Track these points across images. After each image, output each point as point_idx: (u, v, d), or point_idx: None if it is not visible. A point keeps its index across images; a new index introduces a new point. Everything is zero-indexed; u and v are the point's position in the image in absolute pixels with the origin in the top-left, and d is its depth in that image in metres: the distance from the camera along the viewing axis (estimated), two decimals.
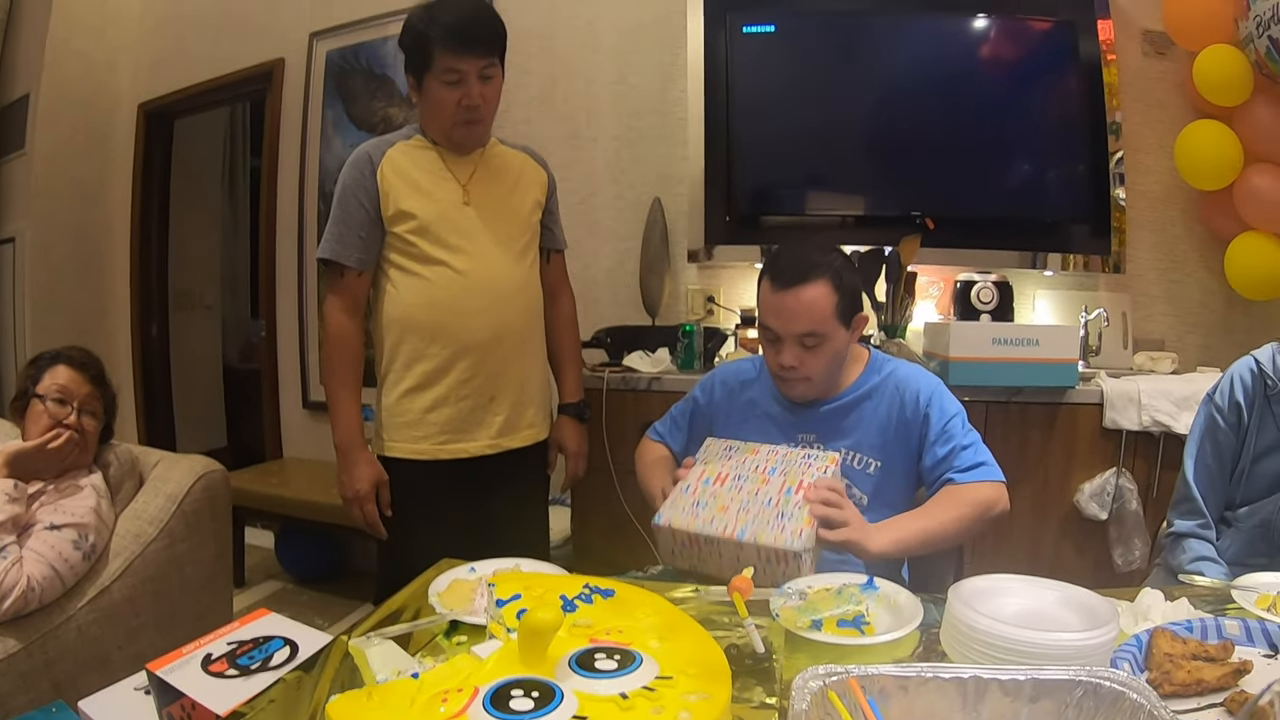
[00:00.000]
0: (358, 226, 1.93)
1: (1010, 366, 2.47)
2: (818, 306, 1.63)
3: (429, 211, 1.94)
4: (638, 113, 3.39)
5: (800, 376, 1.69)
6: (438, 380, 1.97)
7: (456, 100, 1.90)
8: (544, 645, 0.88)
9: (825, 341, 1.66)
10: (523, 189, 2.10)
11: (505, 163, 2.10)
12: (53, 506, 1.89)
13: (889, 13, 3.10)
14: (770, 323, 1.68)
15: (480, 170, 2.03)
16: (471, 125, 1.96)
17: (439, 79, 1.88)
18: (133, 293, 4.66)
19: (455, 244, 1.96)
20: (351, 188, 1.93)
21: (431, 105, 1.94)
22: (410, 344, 1.97)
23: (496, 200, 2.03)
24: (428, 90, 1.92)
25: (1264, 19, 2.52)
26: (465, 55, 1.86)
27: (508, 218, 2.05)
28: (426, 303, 1.95)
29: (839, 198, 3.11)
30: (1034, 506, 2.57)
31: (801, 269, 1.63)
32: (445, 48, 1.85)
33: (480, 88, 1.91)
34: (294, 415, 4.20)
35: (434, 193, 1.96)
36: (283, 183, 4.10)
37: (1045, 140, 3.00)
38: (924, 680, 0.86)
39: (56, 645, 1.83)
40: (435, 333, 1.95)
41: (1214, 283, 3.02)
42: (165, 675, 0.98)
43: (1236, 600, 1.25)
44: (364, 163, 1.94)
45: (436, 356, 1.96)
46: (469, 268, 1.96)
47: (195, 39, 4.35)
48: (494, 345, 1.99)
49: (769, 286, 1.67)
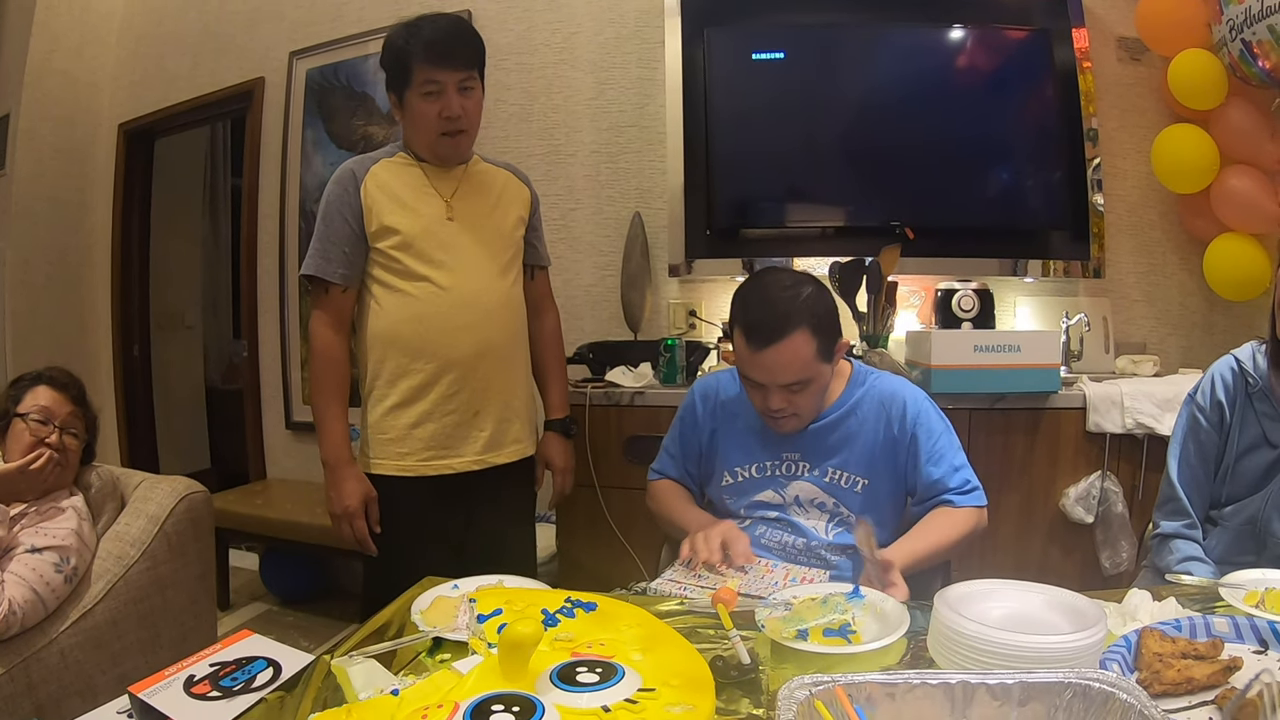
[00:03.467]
0: (342, 242, 1.93)
1: (992, 373, 2.47)
2: (799, 357, 1.57)
3: (413, 227, 1.94)
4: (616, 127, 3.40)
5: (790, 414, 1.65)
6: (422, 396, 1.96)
7: (437, 112, 1.91)
8: (525, 659, 0.87)
9: (810, 384, 1.62)
10: (505, 205, 2.10)
11: (488, 179, 2.10)
12: (34, 529, 1.87)
13: (865, 24, 3.11)
14: (751, 375, 1.63)
15: (463, 186, 2.03)
16: (454, 137, 1.96)
17: (418, 92, 1.90)
18: (114, 313, 4.62)
19: (439, 260, 1.95)
20: (335, 204, 1.93)
21: (413, 119, 1.95)
22: (394, 360, 1.96)
23: (480, 216, 2.03)
24: (409, 105, 1.94)
25: (1237, 23, 2.54)
26: (443, 68, 1.88)
27: (491, 234, 2.05)
28: (410, 318, 1.94)
29: (819, 209, 3.13)
30: (1020, 512, 2.57)
31: (775, 324, 1.56)
32: (424, 61, 1.87)
33: (460, 100, 1.92)
34: (277, 436, 4.16)
35: (418, 208, 1.96)
36: (264, 201, 4.08)
37: (1023, 148, 3.02)
38: (911, 687, 0.85)
39: (39, 668, 1.81)
40: (419, 349, 1.94)
41: (1194, 284, 3.04)
42: (148, 698, 0.97)
43: (1225, 598, 1.25)
44: (348, 179, 1.94)
45: (420, 372, 1.95)
46: (453, 283, 1.95)
47: (175, 58, 4.34)
48: (478, 361, 1.98)
49: (745, 344, 1.61)
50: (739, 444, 1.79)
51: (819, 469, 1.72)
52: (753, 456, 1.77)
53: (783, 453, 1.75)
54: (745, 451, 1.78)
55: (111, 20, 4.55)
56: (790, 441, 1.74)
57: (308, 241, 1.98)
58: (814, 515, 1.73)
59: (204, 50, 4.26)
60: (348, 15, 3.82)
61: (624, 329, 3.21)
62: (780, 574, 1.55)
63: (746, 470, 1.78)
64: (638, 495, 2.08)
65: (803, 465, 1.73)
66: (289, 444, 4.14)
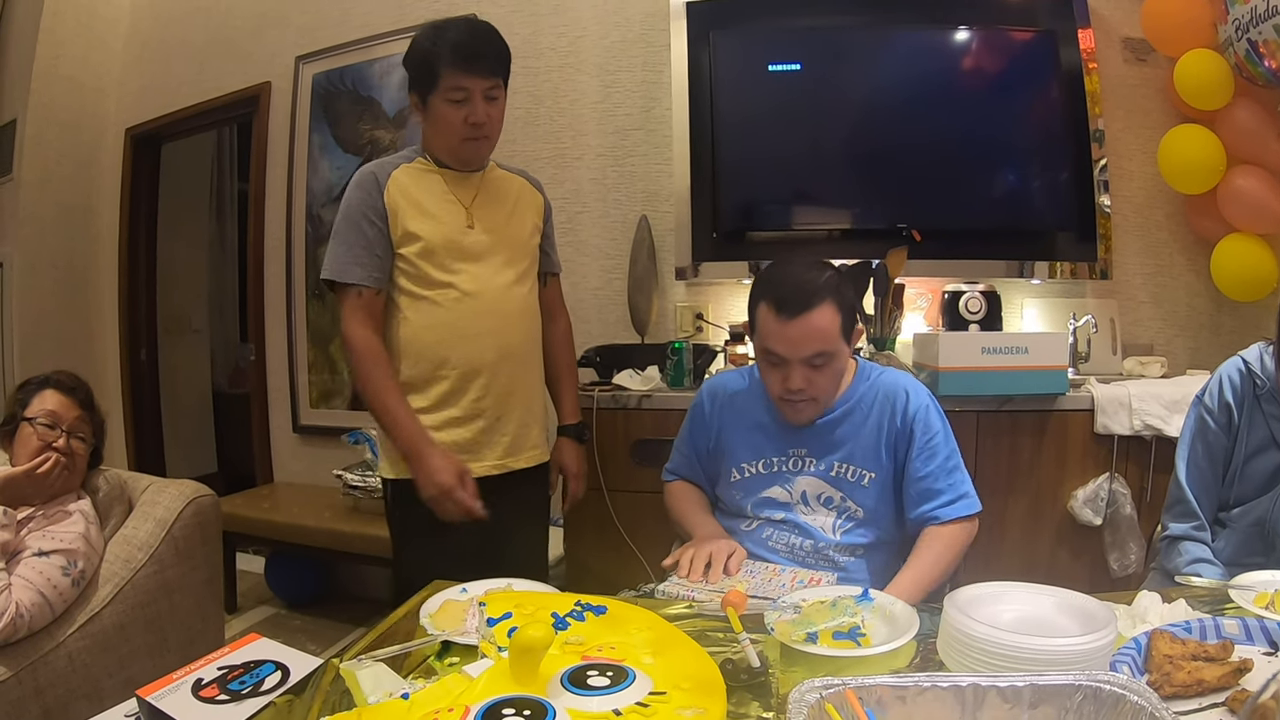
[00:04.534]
0: (371, 245, 1.91)
1: (1000, 375, 2.47)
2: (826, 328, 1.62)
3: (435, 235, 1.93)
4: (622, 131, 3.40)
5: (808, 398, 1.67)
6: (451, 402, 1.96)
7: (462, 118, 1.90)
8: (535, 663, 0.87)
9: (832, 360, 1.65)
10: (521, 213, 2.10)
11: (505, 186, 2.09)
12: (41, 532, 1.87)
13: (871, 27, 3.12)
14: (777, 349, 1.65)
15: (482, 194, 2.02)
16: (478, 142, 1.95)
17: (444, 97, 1.88)
18: (121, 317, 4.64)
19: (460, 268, 1.95)
20: (359, 208, 1.91)
21: (437, 123, 1.93)
22: (419, 367, 1.95)
23: (498, 224, 2.03)
24: (433, 109, 1.92)
25: (1243, 22, 2.54)
26: (471, 74, 1.87)
27: (509, 241, 2.04)
28: (434, 325, 1.94)
29: (825, 212, 3.12)
30: (1028, 514, 2.56)
31: (806, 294, 1.61)
32: (451, 66, 1.86)
33: (485, 107, 1.91)
34: (284, 439, 4.17)
35: (440, 216, 1.95)
36: (270, 206, 4.08)
37: (1029, 149, 3.02)
38: (922, 690, 0.85)
39: (47, 672, 1.81)
40: (444, 356, 1.94)
41: (1201, 285, 3.03)
42: (156, 701, 0.97)
43: (1234, 599, 1.25)
44: (370, 183, 1.93)
45: (446, 379, 1.95)
46: (475, 290, 1.95)
47: (182, 63, 4.35)
48: (501, 366, 1.99)
49: (773, 316, 1.63)
50: (745, 441, 1.80)
51: (824, 463, 1.73)
52: (760, 452, 1.78)
53: (789, 448, 1.76)
54: (752, 448, 1.79)
55: (118, 26, 4.57)
56: (797, 437, 1.75)
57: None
58: (821, 513, 1.73)
59: (210, 55, 4.27)
60: (353, 20, 3.83)
61: (631, 332, 3.21)
62: (788, 577, 1.55)
63: (753, 466, 1.79)
64: (645, 498, 2.08)
65: (809, 460, 1.74)
66: (296, 447, 4.14)
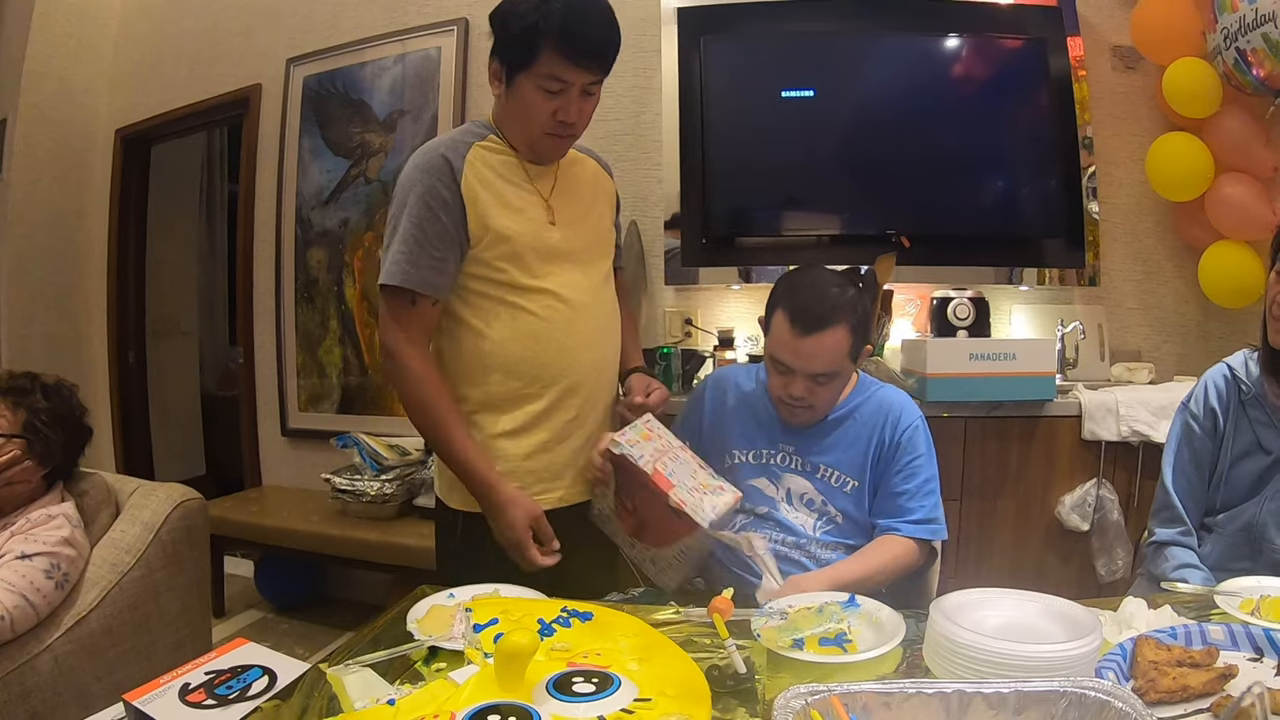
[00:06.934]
0: (432, 245, 1.59)
1: (988, 381, 2.48)
2: (835, 350, 1.64)
3: (521, 233, 1.65)
4: (612, 135, 3.39)
5: (806, 405, 1.70)
6: (542, 423, 1.69)
7: (552, 111, 1.59)
8: (521, 669, 0.87)
9: (836, 377, 1.69)
10: (600, 204, 1.84)
11: (581, 172, 1.82)
12: (23, 536, 1.85)
13: (861, 33, 3.13)
14: (785, 359, 1.67)
15: (560, 183, 1.74)
16: (561, 140, 1.67)
17: (537, 82, 1.57)
18: (109, 319, 4.61)
19: (548, 270, 1.68)
20: (426, 198, 1.59)
21: (520, 107, 1.62)
22: (508, 385, 1.67)
23: (579, 218, 1.76)
24: (519, 89, 1.60)
25: (1231, 31, 2.56)
26: (577, 66, 1.56)
27: (591, 238, 1.79)
28: (524, 336, 1.66)
29: (815, 217, 3.14)
30: (1015, 519, 2.57)
31: (824, 313, 1.62)
32: (556, 50, 1.53)
33: (580, 103, 1.62)
34: (273, 443, 4.15)
35: (524, 210, 1.67)
36: (260, 208, 4.06)
37: (1018, 156, 3.04)
38: (907, 696, 0.85)
39: (33, 676, 1.80)
40: (540, 371, 1.67)
41: (1189, 292, 3.05)
42: (143, 706, 0.97)
43: (1220, 605, 1.25)
44: (441, 169, 1.60)
45: (541, 397, 1.68)
46: (570, 295, 1.69)
47: (172, 64, 4.34)
48: (599, 379, 1.76)
49: (787, 326, 1.64)
50: (741, 430, 1.83)
51: (811, 464, 1.76)
52: (753, 443, 1.81)
53: (779, 441, 1.79)
54: (746, 437, 1.82)
55: (108, 27, 4.55)
56: (789, 435, 1.78)
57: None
58: (803, 512, 1.76)
59: (201, 57, 4.25)
60: (344, 23, 3.82)
61: None
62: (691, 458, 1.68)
63: (744, 454, 1.81)
64: None
65: (796, 459, 1.77)
66: (285, 451, 4.12)
